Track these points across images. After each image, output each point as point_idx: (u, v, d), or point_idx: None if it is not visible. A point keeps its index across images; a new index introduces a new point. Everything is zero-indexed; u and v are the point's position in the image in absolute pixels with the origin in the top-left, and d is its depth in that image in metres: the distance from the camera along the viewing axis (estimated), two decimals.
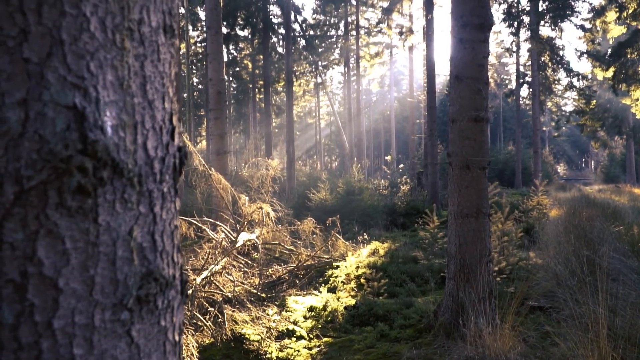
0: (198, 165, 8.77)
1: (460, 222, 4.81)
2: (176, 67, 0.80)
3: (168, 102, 0.76)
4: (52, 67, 0.60)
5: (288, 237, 8.84)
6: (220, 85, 10.79)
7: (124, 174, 0.67)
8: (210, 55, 10.80)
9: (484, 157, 4.75)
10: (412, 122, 32.35)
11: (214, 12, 10.82)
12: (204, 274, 5.95)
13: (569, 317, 4.88)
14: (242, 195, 8.29)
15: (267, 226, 7.98)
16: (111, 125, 0.65)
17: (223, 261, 6.66)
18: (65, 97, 0.61)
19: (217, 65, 10.75)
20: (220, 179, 8.88)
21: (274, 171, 10.00)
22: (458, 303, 4.80)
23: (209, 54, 10.92)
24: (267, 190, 9.84)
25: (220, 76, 10.80)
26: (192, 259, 7.53)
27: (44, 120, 0.59)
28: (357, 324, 5.54)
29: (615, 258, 6.74)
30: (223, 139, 10.84)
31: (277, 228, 8.65)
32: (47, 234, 0.60)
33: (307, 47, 29.25)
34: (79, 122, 0.61)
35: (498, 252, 7.03)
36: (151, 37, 0.73)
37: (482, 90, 4.71)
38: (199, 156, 8.76)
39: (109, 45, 0.66)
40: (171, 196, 0.77)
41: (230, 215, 8.94)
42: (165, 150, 0.75)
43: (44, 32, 0.60)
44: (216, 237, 7.56)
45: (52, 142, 0.60)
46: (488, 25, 4.72)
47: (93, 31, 0.64)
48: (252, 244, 7.84)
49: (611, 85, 22.48)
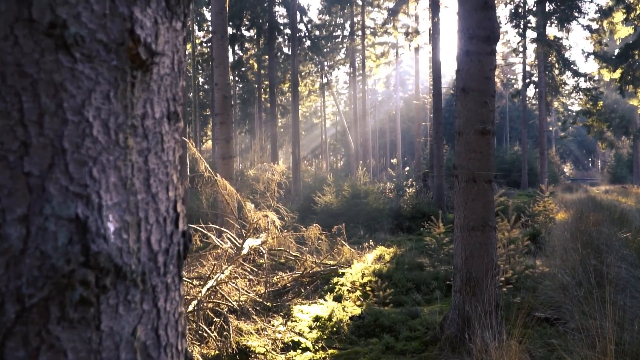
0: (204, 171, 8.77)
1: (467, 235, 4.78)
2: (181, 150, 0.79)
3: (172, 190, 0.75)
4: (53, 179, 0.59)
5: (293, 243, 8.83)
6: (225, 89, 10.78)
7: (127, 277, 0.66)
8: (215, 60, 10.79)
9: (490, 171, 4.73)
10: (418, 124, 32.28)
11: (219, 16, 10.81)
12: (210, 283, 5.95)
13: (575, 330, 4.85)
14: (247, 203, 8.28)
15: (272, 233, 7.97)
16: (114, 230, 0.64)
17: (228, 270, 6.67)
18: (67, 209, 0.60)
19: (222, 70, 10.74)
20: (226, 184, 8.88)
21: (279, 176, 9.99)
22: (464, 317, 4.78)
23: (214, 59, 10.92)
24: (273, 194, 9.84)
25: (226, 81, 10.80)
26: (198, 266, 7.54)
27: (46, 235, 0.58)
28: (362, 335, 5.53)
29: (623, 268, 6.69)
30: (229, 143, 10.84)
31: (282, 234, 8.64)
32: (49, 349, 0.59)
33: (313, 48, 29.22)
34: (81, 233, 0.60)
35: (504, 261, 7.00)
36: (155, 128, 0.72)
37: (489, 103, 4.69)
38: (204, 162, 8.77)
39: (112, 147, 0.65)
40: (175, 285, 0.76)
41: (236, 220, 8.94)
42: (170, 240, 0.74)
43: (46, 143, 0.59)
44: (222, 244, 7.56)
45: (53, 258, 0.58)
46: (495, 38, 4.69)
47: (96, 135, 0.63)
48: (258, 250, 7.84)
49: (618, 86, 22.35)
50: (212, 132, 29.56)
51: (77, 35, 0.61)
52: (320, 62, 34.31)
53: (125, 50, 0.65)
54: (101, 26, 0.63)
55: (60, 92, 0.60)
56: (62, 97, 0.60)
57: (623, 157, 44.46)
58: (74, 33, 0.61)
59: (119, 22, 0.65)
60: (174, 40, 0.75)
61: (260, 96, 37.89)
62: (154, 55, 0.69)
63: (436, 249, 9.04)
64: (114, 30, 0.64)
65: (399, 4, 23.92)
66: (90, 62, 0.62)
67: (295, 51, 23.37)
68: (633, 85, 21.47)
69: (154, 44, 0.69)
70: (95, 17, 0.62)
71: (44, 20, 0.59)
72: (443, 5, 23.36)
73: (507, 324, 4.95)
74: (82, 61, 0.62)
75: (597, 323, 4.51)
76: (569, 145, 72.71)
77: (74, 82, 0.61)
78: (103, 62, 0.63)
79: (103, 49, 0.63)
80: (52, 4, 0.59)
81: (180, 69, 0.77)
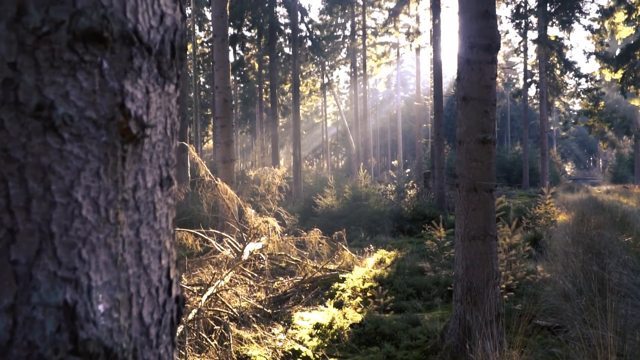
0: (204, 175, 8.76)
1: (467, 244, 4.77)
2: (174, 213, 0.77)
3: (165, 257, 0.74)
4: (41, 265, 0.58)
5: (294, 248, 8.82)
6: (226, 93, 10.77)
7: (118, 357, 0.64)
8: (216, 63, 10.78)
9: (491, 180, 4.71)
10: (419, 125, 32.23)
11: (220, 19, 10.80)
12: (210, 290, 5.94)
13: (576, 339, 4.84)
14: (248, 209, 8.27)
15: (272, 239, 7.96)
16: (104, 312, 0.62)
17: (229, 276, 6.66)
18: (55, 296, 0.58)
19: (223, 73, 10.73)
20: (227, 189, 8.87)
21: (280, 180, 9.98)
22: (465, 326, 4.76)
23: (215, 62, 10.90)
24: (274, 198, 9.83)
25: (227, 84, 10.78)
26: (198, 271, 7.53)
27: (33, 325, 0.57)
28: (363, 343, 5.51)
29: (624, 274, 6.67)
30: (229, 147, 10.83)
31: (283, 239, 8.63)
32: None
33: (314, 48, 29.17)
34: (69, 320, 0.59)
35: (506, 266, 6.98)
36: (147, 199, 0.70)
37: (489, 112, 4.67)
38: (205, 167, 8.76)
39: (102, 225, 0.63)
40: (169, 354, 0.75)
41: (237, 224, 8.93)
42: (162, 310, 0.73)
43: (33, 228, 0.58)
44: (222, 250, 7.55)
45: (41, 347, 0.57)
46: (495, 47, 4.67)
47: (85, 215, 0.61)
48: (258, 256, 7.83)
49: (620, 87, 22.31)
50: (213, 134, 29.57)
51: (66, 115, 0.59)
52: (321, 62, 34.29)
53: (115, 125, 0.64)
54: (90, 103, 0.61)
55: (48, 175, 0.58)
56: (50, 179, 0.59)
57: (624, 156, 44.43)
58: (62, 114, 0.59)
59: (109, 97, 0.63)
60: (166, 104, 0.73)
61: (262, 96, 37.88)
62: (145, 128, 0.67)
63: (437, 253, 9.03)
64: (103, 106, 0.63)
65: (399, 4, 23.89)
66: (80, 140, 0.61)
67: (297, 51, 23.35)
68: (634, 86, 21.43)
69: (145, 116, 0.67)
70: (84, 94, 0.61)
71: (30, 102, 0.57)
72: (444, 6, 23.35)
73: (508, 333, 4.93)
74: (71, 141, 0.60)
75: (599, 333, 4.50)
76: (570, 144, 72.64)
77: (62, 163, 0.59)
78: (92, 139, 0.62)
79: (92, 126, 0.62)
80: (39, 85, 0.58)
81: (174, 130, 0.76)
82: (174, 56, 0.73)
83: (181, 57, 0.75)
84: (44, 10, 0.58)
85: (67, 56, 0.59)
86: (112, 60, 0.63)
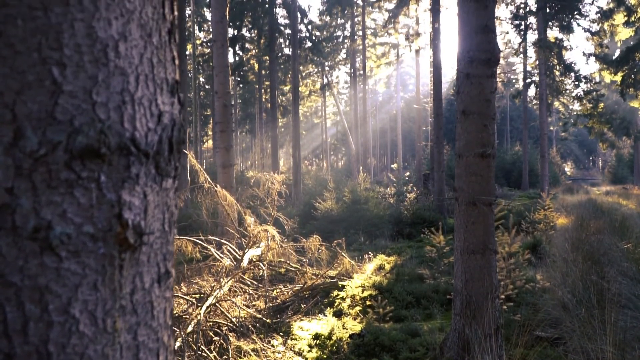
0: (204, 182, 8.77)
1: (467, 258, 4.77)
2: (172, 304, 0.77)
3: (163, 352, 0.74)
4: None
5: (294, 254, 8.82)
6: (226, 98, 10.76)
7: None
8: (216, 68, 10.77)
9: (490, 194, 4.71)
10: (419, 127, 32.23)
11: (219, 25, 10.78)
12: (209, 301, 5.93)
13: (576, 352, 4.84)
14: (247, 216, 8.28)
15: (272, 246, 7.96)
16: None
17: (228, 285, 6.66)
18: None
19: (223, 78, 10.72)
20: (226, 195, 8.87)
21: (279, 185, 9.98)
22: (464, 340, 4.77)
23: (214, 67, 10.89)
24: (273, 203, 9.82)
25: (226, 89, 10.77)
26: (198, 280, 7.53)
27: None
28: (362, 355, 5.51)
29: (624, 283, 6.67)
30: (229, 152, 10.82)
31: (282, 245, 8.62)
32: None
33: (314, 49, 29.18)
34: None
35: (505, 275, 6.98)
36: (144, 299, 0.70)
37: (489, 126, 4.67)
38: (204, 173, 8.76)
39: (100, 337, 0.63)
40: None
41: (236, 230, 8.93)
42: None
43: (30, 350, 0.58)
44: (221, 257, 7.55)
45: None
46: (495, 61, 4.67)
47: (82, 330, 0.61)
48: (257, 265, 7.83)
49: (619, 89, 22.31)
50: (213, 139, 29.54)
51: (63, 234, 0.59)
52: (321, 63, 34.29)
53: (113, 235, 0.64)
54: (88, 218, 0.61)
55: (45, 295, 0.58)
56: (47, 300, 0.59)
57: (624, 157, 44.43)
58: (60, 233, 0.59)
59: (106, 210, 0.63)
60: (164, 200, 0.73)
61: (261, 97, 37.86)
62: (143, 235, 0.67)
63: (436, 259, 9.02)
64: (101, 219, 0.62)
65: (399, 6, 23.87)
66: (77, 257, 0.61)
67: (296, 52, 23.32)
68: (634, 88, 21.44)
69: (142, 222, 0.67)
70: (81, 210, 0.61)
71: (27, 225, 0.57)
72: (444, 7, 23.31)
73: (508, 344, 4.94)
74: (68, 258, 0.60)
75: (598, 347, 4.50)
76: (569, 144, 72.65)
77: (59, 281, 0.59)
78: (90, 252, 0.62)
79: (89, 240, 0.62)
80: (36, 207, 0.58)
81: (171, 223, 0.76)
82: (171, 151, 0.73)
83: (179, 150, 0.75)
84: (41, 132, 0.58)
85: (64, 175, 0.59)
86: (109, 172, 0.63)
